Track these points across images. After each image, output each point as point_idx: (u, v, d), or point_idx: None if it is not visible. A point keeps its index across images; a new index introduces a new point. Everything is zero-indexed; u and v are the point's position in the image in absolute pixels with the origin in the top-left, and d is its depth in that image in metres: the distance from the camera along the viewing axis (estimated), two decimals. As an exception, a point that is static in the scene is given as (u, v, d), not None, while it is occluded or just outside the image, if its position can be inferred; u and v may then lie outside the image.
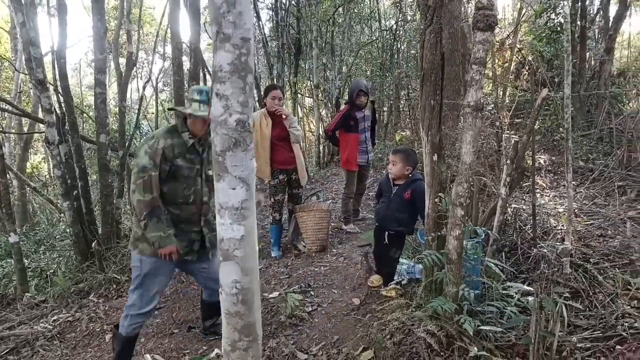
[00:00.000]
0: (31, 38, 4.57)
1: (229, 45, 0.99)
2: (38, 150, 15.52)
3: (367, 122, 4.84)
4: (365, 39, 10.55)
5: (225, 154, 1.03)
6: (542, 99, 2.76)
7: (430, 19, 2.27)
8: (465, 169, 2.16)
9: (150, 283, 2.51)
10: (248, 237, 1.07)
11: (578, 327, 2.28)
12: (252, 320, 1.10)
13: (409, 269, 3.23)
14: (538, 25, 7.23)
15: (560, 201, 4.03)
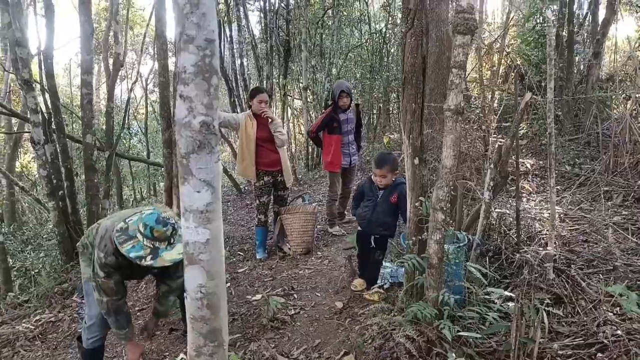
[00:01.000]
0: (17, 38, 4.53)
1: (193, 46, 0.97)
2: (28, 150, 15.33)
3: (350, 124, 4.84)
4: (354, 42, 10.57)
5: (190, 156, 1.01)
6: (526, 102, 2.77)
7: (411, 22, 2.27)
8: (445, 172, 2.16)
9: None
10: (214, 241, 1.05)
11: (560, 333, 2.27)
12: (218, 326, 1.08)
13: (392, 272, 3.22)
14: (527, 30, 7.30)
15: (546, 206, 4.04)
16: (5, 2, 4.55)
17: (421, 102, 2.37)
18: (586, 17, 7.78)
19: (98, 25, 11.78)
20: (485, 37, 7.65)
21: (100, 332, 2.51)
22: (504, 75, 7.15)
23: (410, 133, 2.38)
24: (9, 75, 10.53)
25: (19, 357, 3.25)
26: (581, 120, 6.19)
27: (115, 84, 7.12)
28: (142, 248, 2.20)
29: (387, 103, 9.94)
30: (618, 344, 2.02)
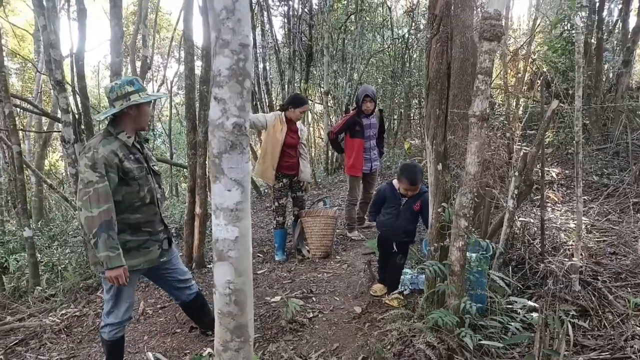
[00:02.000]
0: (51, 41, 4.69)
1: (228, 50, 1.00)
2: (56, 149, 15.85)
3: (373, 129, 4.84)
4: (376, 47, 10.57)
5: (222, 156, 1.05)
6: (552, 110, 2.73)
7: (436, 27, 2.27)
8: (469, 179, 2.15)
9: (126, 294, 2.47)
10: (242, 239, 1.08)
11: (585, 347, 2.22)
12: (245, 322, 1.10)
13: (413, 279, 3.20)
14: (554, 36, 7.17)
15: (572, 216, 3.95)
16: (42, 5, 4.73)
17: (445, 108, 2.36)
18: (616, 24, 7.60)
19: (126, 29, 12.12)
20: (511, 43, 7.55)
21: (122, 326, 2.55)
22: (529, 82, 7.03)
23: (434, 139, 2.37)
24: (40, 77, 10.94)
25: (45, 349, 3.35)
26: (610, 129, 6.04)
27: (142, 86, 7.29)
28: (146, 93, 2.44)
29: (408, 109, 9.90)
30: (646, 360, 1.97)
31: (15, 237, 7.58)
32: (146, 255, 2.47)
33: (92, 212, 2.18)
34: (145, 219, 2.45)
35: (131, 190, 2.38)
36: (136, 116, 2.41)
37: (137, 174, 2.39)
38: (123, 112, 2.38)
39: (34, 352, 3.30)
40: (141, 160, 2.45)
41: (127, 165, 2.35)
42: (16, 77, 13.92)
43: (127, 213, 2.38)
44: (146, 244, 2.47)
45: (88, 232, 2.22)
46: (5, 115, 5.38)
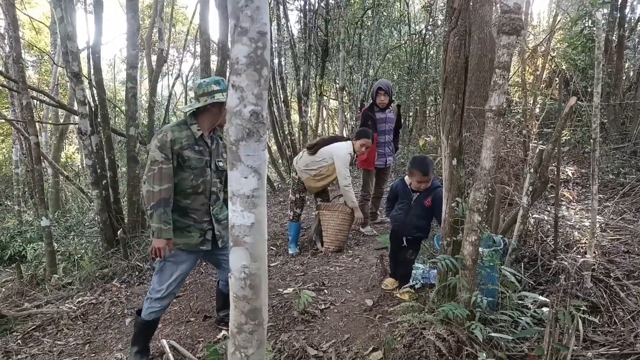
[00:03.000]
0: (68, 32, 4.78)
1: (246, 38, 1.03)
2: (72, 141, 16.15)
3: (389, 124, 4.82)
4: (393, 43, 10.50)
5: (239, 143, 1.07)
6: (570, 106, 2.70)
7: (455, 21, 2.26)
8: (484, 174, 2.14)
9: (169, 270, 2.60)
10: (258, 225, 1.11)
11: (594, 342, 2.21)
12: (259, 305, 1.13)
13: (424, 273, 3.21)
14: (574, 33, 7.05)
15: (587, 215, 3.91)
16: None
17: (462, 102, 2.35)
18: (638, 21, 7.43)
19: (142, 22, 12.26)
20: (530, 40, 7.44)
21: (159, 305, 2.63)
22: (547, 80, 6.93)
23: (450, 133, 2.37)
24: (57, 69, 11.14)
25: (62, 334, 3.45)
26: (628, 128, 5.93)
27: (158, 80, 7.39)
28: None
29: (424, 106, 9.84)
30: (658, 358, 1.95)
31: (32, 227, 7.78)
32: (187, 238, 2.62)
33: (154, 188, 2.46)
34: (193, 206, 2.63)
35: (186, 177, 2.58)
36: (216, 113, 2.61)
37: (194, 163, 2.58)
38: (206, 108, 2.60)
39: (51, 337, 3.40)
40: (204, 153, 2.64)
41: (186, 154, 2.56)
42: (33, 69, 14.20)
43: (179, 196, 2.58)
44: (189, 229, 2.63)
45: (147, 204, 2.50)
46: (23, 106, 5.51)
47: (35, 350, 3.20)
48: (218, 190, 2.74)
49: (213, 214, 2.70)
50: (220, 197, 2.77)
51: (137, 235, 5.23)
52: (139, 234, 5.28)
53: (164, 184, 2.48)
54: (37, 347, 3.26)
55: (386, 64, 10.34)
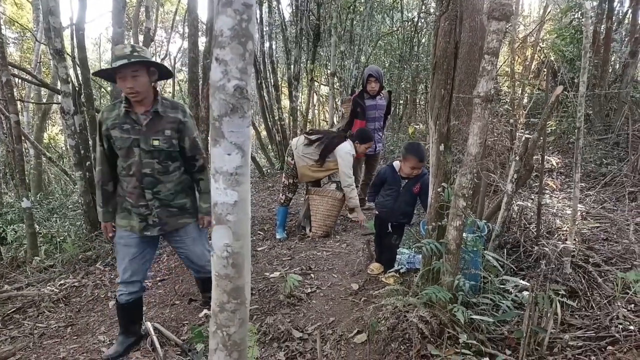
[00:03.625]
0: (51, 7, 4.62)
1: (231, 10, 0.99)
2: (56, 122, 15.80)
3: (379, 110, 4.81)
4: (385, 29, 10.42)
5: (222, 119, 1.04)
6: (557, 95, 2.72)
7: (446, 5, 2.25)
8: (470, 160, 2.15)
9: (121, 252, 2.57)
10: (241, 203, 1.09)
11: (572, 325, 2.27)
12: (241, 284, 1.12)
13: (410, 258, 3.24)
14: (563, 25, 7.08)
15: (569, 203, 3.97)
16: (42, -29, 4.65)
17: (451, 88, 2.35)
18: (626, 14, 7.49)
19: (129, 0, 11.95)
20: (520, 30, 7.45)
21: (124, 289, 2.60)
22: (536, 70, 6.97)
23: (438, 119, 2.37)
24: (39, 47, 10.82)
25: (43, 317, 3.41)
26: (612, 120, 6.01)
27: (145, 61, 7.23)
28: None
29: (414, 93, 9.83)
30: (630, 339, 2.01)
31: (13, 209, 7.62)
32: (130, 221, 2.53)
33: (96, 169, 2.53)
34: (127, 189, 2.50)
35: (118, 158, 2.49)
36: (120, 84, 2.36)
37: (119, 144, 2.42)
38: None
39: (32, 320, 3.36)
40: (130, 132, 2.41)
41: (113, 134, 2.42)
42: (14, 46, 13.78)
43: (120, 178, 2.53)
44: (129, 212, 2.53)
45: None
46: (2, 83, 5.34)
47: (16, 332, 3.16)
48: (155, 171, 2.47)
49: (148, 199, 2.49)
50: (162, 180, 2.51)
51: (121, 218, 5.18)
52: (124, 217, 5.22)
53: (98, 165, 2.49)
54: (18, 329, 3.22)
55: (378, 51, 10.28)
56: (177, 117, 2.47)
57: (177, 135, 2.48)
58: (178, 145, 2.50)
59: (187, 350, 2.62)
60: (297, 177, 4.37)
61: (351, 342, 2.44)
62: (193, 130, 2.54)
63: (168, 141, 2.45)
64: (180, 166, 2.57)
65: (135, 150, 2.42)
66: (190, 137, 2.52)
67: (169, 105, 2.49)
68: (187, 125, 2.50)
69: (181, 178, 2.59)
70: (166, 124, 2.45)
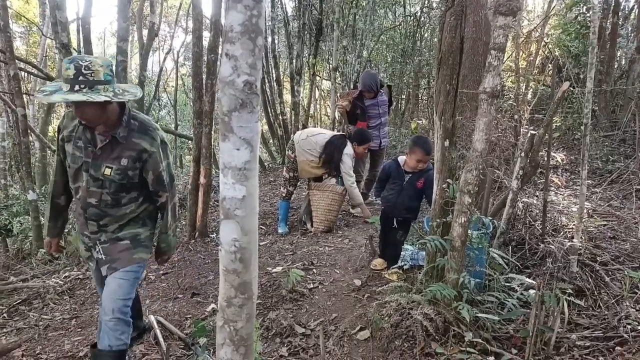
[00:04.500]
0: (57, 2, 4.62)
1: (241, 5, 0.99)
2: (60, 115, 15.83)
3: (380, 107, 4.80)
4: (388, 24, 10.36)
5: (232, 114, 1.04)
6: (563, 91, 2.70)
7: (451, 0, 2.23)
8: (476, 156, 2.14)
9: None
10: (249, 198, 1.08)
11: (579, 325, 2.26)
12: (249, 279, 1.12)
13: (413, 255, 3.24)
14: (568, 20, 7.02)
15: (575, 200, 3.96)
16: (48, -34, 4.65)
17: (456, 83, 2.33)
18: (632, 9, 7.42)
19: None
20: (525, 25, 7.40)
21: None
22: (540, 65, 6.92)
23: (443, 115, 2.36)
24: (45, 41, 10.81)
25: (48, 309, 3.42)
26: (618, 116, 5.98)
27: (149, 54, 7.22)
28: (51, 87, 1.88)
29: (417, 89, 9.79)
30: (639, 339, 2.00)
31: (19, 201, 7.65)
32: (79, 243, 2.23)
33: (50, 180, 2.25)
34: (76, 210, 2.13)
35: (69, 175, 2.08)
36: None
37: (70, 161, 2.02)
38: None
39: (37, 311, 3.37)
40: (82, 152, 1.98)
41: (66, 147, 2.03)
42: (21, 40, 13.77)
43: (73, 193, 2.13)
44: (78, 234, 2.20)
45: None
46: (10, 77, 5.35)
47: (21, 324, 3.18)
48: (102, 203, 2.03)
49: (91, 231, 2.08)
50: (110, 213, 2.05)
51: (125, 212, 5.19)
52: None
53: (53, 176, 2.18)
54: (23, 320, 3.24)
55: (380, 46, 10.23)
56: (141, 145, 1.98)
57: (137, 165, 2.01)
58: (137, 177, 2.04)
59: (190, 344, 2.63)
60: (298, 171, 4.38)
61: (354, 338, 2.44)
62: (160, 162, 2.04)
63: (122, 172, 1.99)
64: (138, 197, 2.12)
65: (84, 174, 2.00)
66: (154, 170, 2.04)
67: (137, 128, 1.99)
68: (152, 156, 2.01)
69: (139, 209, 2.14)
70: (125, 151, 1.98)
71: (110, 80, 1.84)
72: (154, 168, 2.04)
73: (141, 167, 2.02)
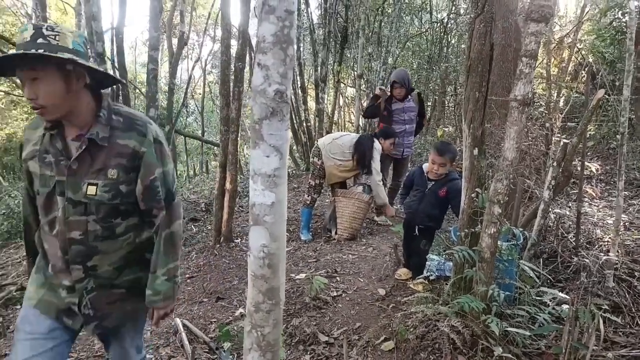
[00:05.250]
0: (94, 13, 4.81)
1: (273, 17, 1.00)
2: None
3: (407, 113, 4.74)
4: (414, 31, 10.31)
5: (262, 122, 1.05)
6: (598, 99, 2.61)
7: (481, 7, 2.20)
8: (506, 165, 2.09)
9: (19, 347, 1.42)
10: (278, 204, 1.09)
11: (615, 343, 2.17)
12: (277, 285, 1.13)
13: (439, 265, 3.18)
14: (602, 25, 6.81)
15: (610, 212, 3.81)
16: (84, -22, 4.84)
17: (485, 91, 2.29)
18: (672, 14, 7.13)
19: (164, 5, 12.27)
20: (556, 31, 7.23)
21: None
22: (573, 72, 6.74)
23: (472, 122, 2.32)
24: (81, 50, 11.24)
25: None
26: (657, 125, 5.74)
27: (178, 62, 7.41)
28: None
29: (443, 95, 9.68)
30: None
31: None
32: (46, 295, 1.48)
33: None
34: (50, 252, 1.47)
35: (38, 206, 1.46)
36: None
37: (38, 185, 1.42)
38: None
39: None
40: (53, 169, 1.39)
41: (30, 167, 1.44)
42: (58, 50, 14.35)
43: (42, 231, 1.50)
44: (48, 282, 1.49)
45: None
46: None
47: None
48: (90, 236, 1.42)
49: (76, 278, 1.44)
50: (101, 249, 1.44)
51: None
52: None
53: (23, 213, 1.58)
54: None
55: (406, 52, 10.18)
56: (128, 146, 1.41)
57: (132, 177, 1.44)
58: (133, 193, 1.46)
59: (215, 348, 2.65)
60: (324, 177, 4.38)
61: (378, 349, 2.40)
62: (152, 166, 1.45)
63: (113, 189, 1.41)
64: (138, 224, 1.52)
65: (59, 200, 1.40)
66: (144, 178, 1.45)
67: (122, 125, 1.43)
68: (144, 158, 1.44)
69: (137, 242, 1.53)
70: (111, 158, 1.40)
71: (81, 52, 1.34)
72: (144, 174, 1.44)
73: (136, 178, 1.46)
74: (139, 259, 1.56)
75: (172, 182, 1.54)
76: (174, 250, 1.55)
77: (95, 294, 1.48)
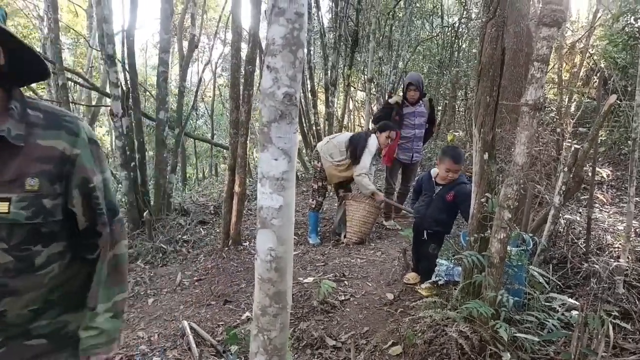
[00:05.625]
0: (105, 15, 4.88)
1: (283, 19, 1.01)
2: (103, 124, 16.58)
3: (418, 118, 4.74)
4: (425, 35, 10.29)
5: (271, 125, 1.06)
6: (610, 105, 2.59)
7: (493, 11, 2.19)
8: (517, 170, 2.07)
9: None
10: (286, 208, 1.10)
11: (625, 350, 2.13)
12: (283, 288, 1.13)
13: (448, 270, 3.15)
14: (615, 30, 6.74)
15: (621, 218, 3.76)
16: (97, -19, 4.91)
17: (496, 95, 2.28)
18: (686, 19, 7.03)
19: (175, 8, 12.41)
20: (568, 36, 7.17)
21: None
22: (584, 77, 6.67)
23: (482, 127, 2.30)
24: (91, 52, 11.41)
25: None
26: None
27: (189, 65, 7.47)
28: None
29: (453, 100, 9.64)
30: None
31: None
32: None
33: None
34: None
35: None
36: None
37: None
38: None
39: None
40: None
41: None
42: (68, 52, 14.57)
43: None
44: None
45: None
46: (58, 87, 5.67)
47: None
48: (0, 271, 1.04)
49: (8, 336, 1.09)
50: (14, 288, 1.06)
51: (162, 218, 5.35)
52: (164, 217, 5.38)
53: None
54: None
55: (416, 56, 10.16)
56: (55, 148, 1.07)
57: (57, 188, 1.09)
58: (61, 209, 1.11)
59: (222, 351, 2.66)
60: (326, 179, 4.39)
61: (386, 353, 2.39)
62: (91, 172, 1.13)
63: (33, 203, 1.05)
64: (64, 251, 1.15)
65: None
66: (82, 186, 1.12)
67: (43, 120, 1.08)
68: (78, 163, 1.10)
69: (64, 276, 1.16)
70: (29, 163, 1.05)
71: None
72: (81, 182, 1.11)
73: (66, 189, 1.10)
74: (64, 297, 1.17)
75: (113, 193, 1.21)
76: (120, 278, 1.21)
77: (5, 350, 1.09)
